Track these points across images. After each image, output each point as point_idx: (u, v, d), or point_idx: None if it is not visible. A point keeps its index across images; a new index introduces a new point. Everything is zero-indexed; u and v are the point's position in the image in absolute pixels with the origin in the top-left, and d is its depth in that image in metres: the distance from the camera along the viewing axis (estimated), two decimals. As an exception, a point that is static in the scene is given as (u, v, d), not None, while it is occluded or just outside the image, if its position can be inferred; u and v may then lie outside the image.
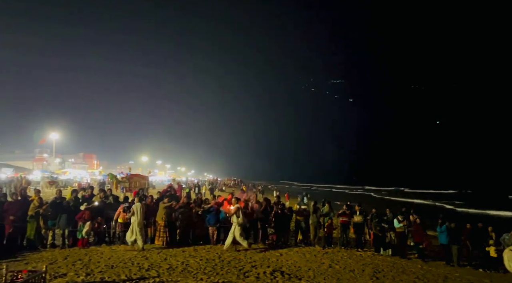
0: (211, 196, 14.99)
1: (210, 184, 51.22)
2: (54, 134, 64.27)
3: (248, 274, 8.36)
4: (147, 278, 7.69)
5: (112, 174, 29.53)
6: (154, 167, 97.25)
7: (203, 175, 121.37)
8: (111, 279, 7.58)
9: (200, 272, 8.37)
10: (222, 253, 10.64)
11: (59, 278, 7.53)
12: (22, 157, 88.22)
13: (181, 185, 30.78)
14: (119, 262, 9.04)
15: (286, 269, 9.08)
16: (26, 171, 49.01)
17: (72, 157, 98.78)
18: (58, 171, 52.86)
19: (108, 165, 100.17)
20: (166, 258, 9.71)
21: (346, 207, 13.70)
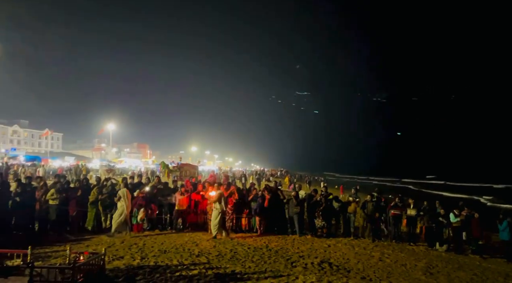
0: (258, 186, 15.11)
1: (257, 174, 51.71)
2: (111, 125, 67.90)
3: (296, 264, 8.36)
4: (197, 264, 7.94)
5: (164, 163, 30.65)
6: (203, 157, 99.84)
7: (250, 166, 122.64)
8: (164, 263, 7.91)
9: (248, 260, 8.50)
10: (269, 242, 10.73)
11: (116, 260, 7.99)
12: (82, 147, 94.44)
13: (227, 175, 31.39)
14: (171, 248, 9.42)
15: (334, 260, 8.98)
16: (86, 159, 52.28)
17: (127, 147, 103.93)
18: (115, 160, 55.92)
19: (160, 155, 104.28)
20: (215, 245, 9.97)
21: (399, 200, 13.22)
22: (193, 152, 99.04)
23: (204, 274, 7.15)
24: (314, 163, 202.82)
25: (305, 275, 7.44)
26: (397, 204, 13.00)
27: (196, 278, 6.86)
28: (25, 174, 23.31)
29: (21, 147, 79.01)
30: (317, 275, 7.53)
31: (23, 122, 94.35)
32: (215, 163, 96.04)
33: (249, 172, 62.50)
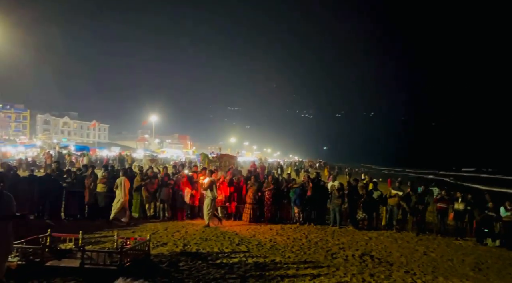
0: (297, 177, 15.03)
1: (296, 165, 51.49)
2: (154, 117, 70.13)
3: (336, 255, 8.27)
4: (237, 252, 8.06)
5: (205, 154, 31.29)
6: (241, 148, 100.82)
7: (288, 157, 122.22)
8: (206, 251, 8.10)
9: (287, 250, 8.51)
10: (309, 233, 10.68)
11: (160, 247, 8.28)
12: (127, 137, 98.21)
13: (264, 166, 31.54)
14: (212, 236, 9.62)
15: (376, 253, 8.78)
16: (131, 149, 54.35)
17: (168, 137, 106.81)
18: (158, 150, 57.79)
19: (200, 146, 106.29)
20: (255, 235, 10.06)
21: (446, 192, 12.67)
22: (232, 143, 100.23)
23: (244, 263, 7.24)
24: (350, 155, 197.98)
25: (346, 267, 7.34)
26: (443, 197, 12.48)
27: (237, 266, 6.97)
28: (76, 162, 24.66)
29: (71, 137, 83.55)
30: (358, 267, 7.41)
31: (72, 114, 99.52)
32: (254, 154, 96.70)
33: (287, 163, 62.41)
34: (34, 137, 58.70)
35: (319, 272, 6.87)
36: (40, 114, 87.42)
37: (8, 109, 78.18)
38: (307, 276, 6.60)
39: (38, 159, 29.26)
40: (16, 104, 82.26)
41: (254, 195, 12.17)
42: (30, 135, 68.43)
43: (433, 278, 7.02)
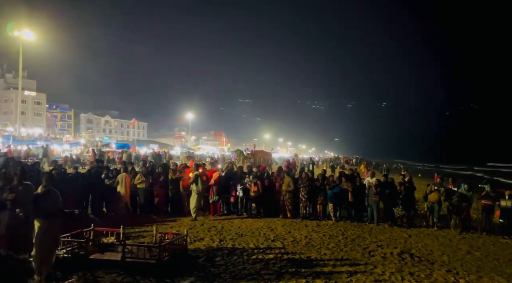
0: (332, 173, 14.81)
1: (331, 161, 50.81)
2: (190, 115, 71.56)
3: (374, 253, 8.09)
4: (273, 248, 8.08)
5: (240, 150, 31.58)
6: (276, 144, 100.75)
7: (324, 153, 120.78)
8: (241, 246, 8.18)
9: (323, 247, 8.43)
10: (345, 230, 10.51)
11: (197, 241, 8.45)
12: (165, 135, 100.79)
13: (295, 162, 31.45)
14: (248, 232, 9.70)
15: (416, 251, 8.51)
16: (168, 147, 55.73)
17: (204, 134, 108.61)
18: (194, 147, 58.88)
19: (235, 142, 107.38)
20: (290, 231, 10.04)
21: (491, 189, 12.05)
22: (266, 139, 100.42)
23: (279, 259, 7.25)
24: (385, 150, 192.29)
25: (384, 265, 7.17)
26: (488, 193, 11.86)
27: (272, 262, 6.99)
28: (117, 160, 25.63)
29: (112, 135, 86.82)
30: (397, 265, 7.21)
31: (113, 113, 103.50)
32: (288, 150, 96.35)
33: (322, 159, 61.71)
34: (78, 136, 61.55)
35: (356, 269, 6.76)
36: (84, 113, 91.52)
37: (54, 109, 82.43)
38: (344, 273, 6.51)
39: (82, 156, 30.65)
40: (61, 104, 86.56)
41: (288, 191, 12.12)
42: (75, 133, 71.79)
43: (478, 278, 6.71)
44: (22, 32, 29.92)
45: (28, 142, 33.65)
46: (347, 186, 12.13)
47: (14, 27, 30.11)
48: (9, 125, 46.49)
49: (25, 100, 65.46)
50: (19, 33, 29.93)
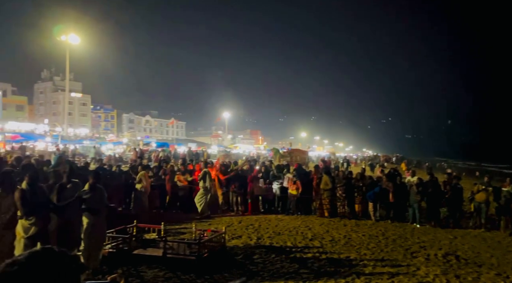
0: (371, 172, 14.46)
1: (370, 160, 49.62)
2: (227, 114, 72.44)
3: (417, 254, 7.81)
4: (311, 248, 8.01)
5: (276, 149, 31.54)
6: (312, 142, 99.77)
7: (362, 151, 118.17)
8: (279, 245, 8.18)
9: (363, 247, 8.25)
10: (386, 230, 10.23)
11: (235, 239, 8.54)
12: (202, 134, 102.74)
13: (330, 160, 30.92)
14: (285, 230, 9.67)
15: (461, 253, 8.12)
16: (206, 145, 56.68)
17: (241, 133, 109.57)
18: (231, 145, 59.51)
19: (271, 141, 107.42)
20: (328, 230, 9.91)
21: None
22: (303, 137, 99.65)
23: (318, 258, 7.18)
24: (425, 149, 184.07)
25: (428, 266, 6.91)
26: (542, 194, 11.12)
27: (311, 261, 6.93)
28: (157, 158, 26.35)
29: (152, 134, 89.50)
30: (441, 267, 6.92)
31: (153, 112, 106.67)
32: (325, 149, 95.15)
33: (361, 158, 60.41)
34: (121, 135, 63.95)
35: (398, 271, 6.56)
36: (125, 113, 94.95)
37: (98, 110, 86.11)
38: (385, 274, 6.34)
39: (124, 155, 31.81)
40: (105, 105, 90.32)
41: (326, 190, 11.97)
42: (117, 133, 74.63)
43: (531, 284, 6.31)
44: (69, 36, 31.48)
45: (75, 141, 35.37)
46: (388, 185, 11.80)
47: (61, 32, 31.74)
48: (57, 126, 49.11)
49: (72, 101, 68.72)
50: (66, 37, 31.51)
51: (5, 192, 5.36)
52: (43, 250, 1.02)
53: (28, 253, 1.00)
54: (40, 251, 1.01)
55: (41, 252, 1.01)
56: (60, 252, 1.03)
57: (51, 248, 1.03)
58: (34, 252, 1.01)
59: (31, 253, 1.00)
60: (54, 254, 1.02)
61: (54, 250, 1.02)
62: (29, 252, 1.00)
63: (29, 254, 0.99)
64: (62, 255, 1.03)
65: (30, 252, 1.01)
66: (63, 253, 1.04)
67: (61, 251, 1.04)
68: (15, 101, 64.94)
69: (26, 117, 61.77)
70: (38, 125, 48.58)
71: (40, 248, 1.03)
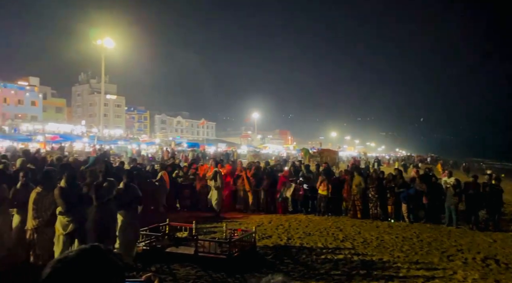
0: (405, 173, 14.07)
1: (403, 160, 48.32)
2: (256, 114, 72.69)
3: (453, 258, 7.52)
4: (342, 249, 7.89)
5: (306, 149, 31.32)
6: (343, 142, 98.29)
7: (395, 151, 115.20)
8: (309, 245, 8.11)
9: (396, 249, 8.04)
10: (420, 233, 9.92)
11: (265, 239, 8.55)
12: (232, 134, 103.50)
13: (358, 160, 30.38)
14: (316, 231, 9.58)
15: (502, 257, 7.75)
16: (235, 146, 57.08)
17: (270, 133, 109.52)
18: (260, 146, 59.59)
19: (300, 141, 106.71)
20: (360, 232, 9.73)
21: None
22: (333, 137, 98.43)
23: (350, 260, 7.07)
24: (460, 148, 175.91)
25: (465, 270, 6.64)
26: None
27: (342, 263, 6.83)
28: (186, 159, 26.84)
29: (183, 135, 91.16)
30: (480, 272, 6.63)
31: (184, 113, 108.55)
32: (356, 149, 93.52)
33: (394, 158, 58.91)
34: (153, 135, 65.52)
35: (434, 274, 6.35)
36: (158, 114, 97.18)
37: (132, 111, 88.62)
38: (419, 278, 6.16)
39: (157, 155, 32.57)
40: (138, 106, 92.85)
41: (358, 190, 11.76)
42: (150, 133, 76.52)
43: None
44: (104, 40, 32.62)
45: (110, 142, 36.57)
46: (421, 186, 11.45)
47: (97, 36, 32.97)
48: (93, 127, 50.96)
49: (107, 103, 71.10)
50: (101, 41, 32.67)
51: (46, 190, 5.60)
52: (91, 247, 1.05)
53: (78, 249, 1.04)
54: (89, 248, 1.05)
55: (90, 249, 1.05)
56: (107, 250, 1.07)
57: (99, 246, 1.07)
58: (84, 249, 1.05)
59: (81, 249, 1.04)
60: (102, 251, 1.05)
61: (101, 248, 1.07)
62: (79, 249, 1.05)
63: (79, 251, 1.03)
64: (109, 252, 1.07)
65: (80, 249, 1.05)
66: (110, 251, 1.08)
67: (107, 249, 1.07)
68: (55, 103, 68.00)
69: (64, 119, 64.47)
70: (76, 126, 50.58)
71: (89, 245, 1.07)
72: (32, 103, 59.20)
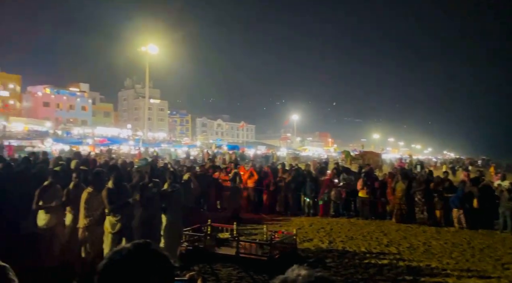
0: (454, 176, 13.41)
1: (452, 162, 46.13)
2: (295, 116, 72.40)
3: (509, 266, 7.04)
4: (387, 254, 7.65)
5: (347, 151, 30.71)
6: (386, 144, 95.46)
7: (442, 154, 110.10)
8: (352, 249, 7.92)
9: (445, 255, 7.66)
10: (471, 239, 9.39)
11: (307, 242, 8.46)
12: (271, 137, 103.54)
13: (404, 163, 29.26)
14: (358, 235, 9.35)
15: None
16: (275, 148, 57.10)
17: (309, 135, 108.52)
18: (299, 148, 59.30)
19: (341, 143, 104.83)
20: (406, 236, 9.37)
21: None
22: (375, 139, 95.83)
23: (395, 265, 6.83)
24: None
25: (523, 281, 6.21)
26: None
27: (387, 268, 6.61)
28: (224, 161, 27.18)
29: (224, 137, 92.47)
30: (540, 283, 6.18)
31: (224, 116, 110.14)
32: (400, 151, 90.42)
33: (441, 161, 56.40)
34: (195, 138, 67.07)
35: (486, 282, 5.99)
36: (199, 117, 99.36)
37: (174, 115, 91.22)
38: (471, 286, 5.83)
39: (198, 157, 33.26)
40: (180, 110, 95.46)
41: (403, 194, 11.34)
42: (192, 136, 78.34)
43: None
44: (148, 47, 33.89)
45: (154, 144, 37.82)
46: (473, 190, 10.84)
47: (141, 43, 34.35)
48: (138, 130, 52.99)
49: (151, 107, 73.68)
50: (145, 48, 33.97)
51: (96, 190, 5.87)
52: (145, 242, 1.11)
53: (134, 243, 1.10)
54: (143, 243, 1.10)
55: (144, 243, 1.10)
56: (158, 247, 1.12)
57: (151, 242, 1.12)
58: (138, 243, 1.10)
59: (136, 243, 1.10)
60: (154, 246, 1.11)
61: (153, 244, 1.12)
62: (134, 243, 1.10)
63: (135, 244, 1.09)
64: (159, 249, 1.12)
65: (135, 243, 1.11)
66: (159, 248, 1.13)
67: (157, 246, 1.13)
68: (103, 108, 71.36)
69: (112, 123, 67.50)
70: (122, 129, 52.86)
71: (142, 241, 1.12)
72: (82, 108, 62.47)
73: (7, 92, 53.92)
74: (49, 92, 58.90)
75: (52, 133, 34.62)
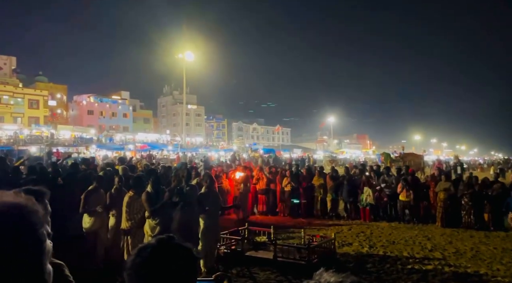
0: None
1: (500, 163, 43.66)
2: (331, 118, 71.46)
3: None
4: (431, 259, 7.32)
5: (386, 153, 29.86)
6: (428, 146, 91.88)
7: (490, 154, 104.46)
8: (394, 254, 7.65)
9: (495, 261, 7.22)
10: (524, 244, 8.81)
11: (346, 246, 8.27)
12: (307, 139, 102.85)
13: (442, 164, 27.96)
14: (400, 239, 9.03)
15: None
16: (311, 151, 56.59)
17: (347, 138, 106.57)
18: (336, 151, 58.40)
19: (380, 145, 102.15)
20: (451, 241, 8.94)
21: None
22: (417, 141, 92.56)
23: (440, 271, 6.52)
24: None
25: None
26: None
27: (432, 274, 6.33)
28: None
29: (259, 141, 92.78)
30: None
31: (260, 120, 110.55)
32: (444, 153, 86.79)
33: (488, 162, 53.56)
34: (231, 142, 67.71)
35: (543, 292, 5.58)
36: (235, 122, 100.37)
37: (210, 120, 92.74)
38: (526, 295, 5.45)
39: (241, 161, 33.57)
40: (216, 115, 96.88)
41: (447, 197, 10.83)
42: (228, 140, 79.21)
43: None
44: (185, 54, 34.72)
45: (192, 149, 38.59)
46: None
47: (178, 50, 35.25)
48: (177, 135, 54.29)
49: (188, 113, 75.28)
50: (182, 55, 34.82)
51: (137, 194, 6.06)
52: (168, 237, 1.18)
53: (157, 239, 1.17)
54: (166, 238, 1.17)
55: (167, 238, 1.17)
56: (181, 240, 1.16)
57: (174, 236, 1.20)
58: (161, 238, 1.17)
59: (159, 239, 1.17)
60: (176, 239, 1.18)
61: (175, 237, 1.19)
62: (157, 238, 1.17)
63: (158, 240, 1.16)
64: (183, 242, 1.15)
65: (158, 238, 1.18)
66: (181, 241, 1.16)
67: (181, 240, 1.16)
68: (143, 114, 73.83)
69: (151, 129, 69.66)
70: (161, 135, 54.34)
71: (165, 235, 1.19)
72: (124, 115, 64.93)
73: (55, 101, 57.05)
74: (93, 100, 61.72)
75: (96, 140, 36.16)
